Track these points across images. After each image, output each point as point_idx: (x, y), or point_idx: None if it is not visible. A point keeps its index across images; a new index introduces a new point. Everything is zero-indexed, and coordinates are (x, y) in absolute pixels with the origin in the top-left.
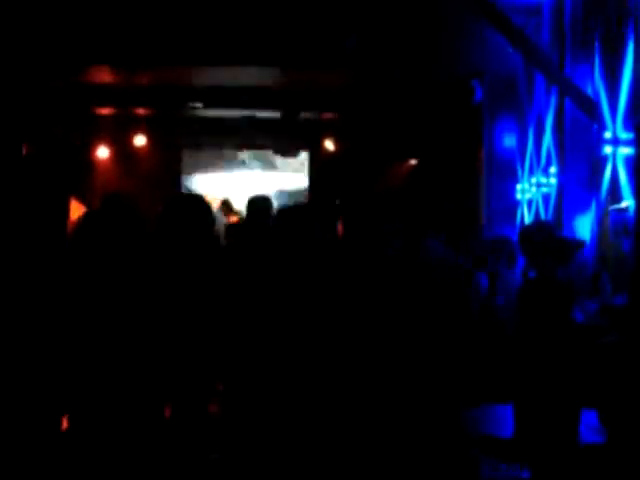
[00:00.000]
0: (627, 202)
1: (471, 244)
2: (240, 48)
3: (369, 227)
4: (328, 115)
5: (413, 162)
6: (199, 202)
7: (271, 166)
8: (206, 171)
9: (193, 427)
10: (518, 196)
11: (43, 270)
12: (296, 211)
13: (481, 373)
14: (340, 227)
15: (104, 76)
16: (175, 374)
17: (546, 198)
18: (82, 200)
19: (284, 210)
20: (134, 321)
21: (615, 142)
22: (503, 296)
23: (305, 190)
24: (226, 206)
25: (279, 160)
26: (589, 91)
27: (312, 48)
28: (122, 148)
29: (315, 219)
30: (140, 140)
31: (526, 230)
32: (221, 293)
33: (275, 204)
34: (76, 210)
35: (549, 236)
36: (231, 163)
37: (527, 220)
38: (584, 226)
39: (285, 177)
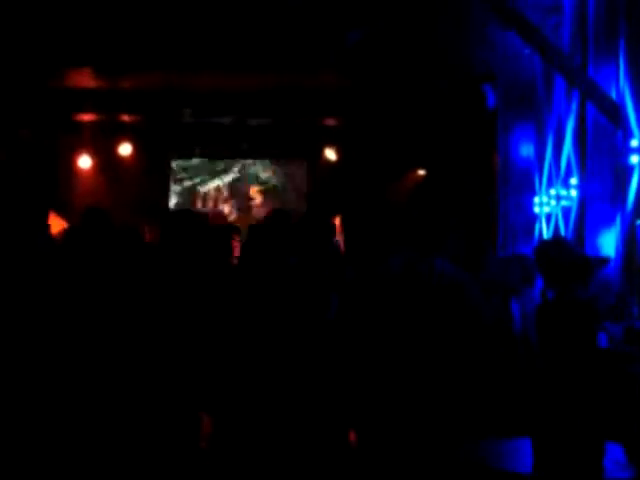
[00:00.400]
0: None
1: (486, 262)
2: (233, 50)
3: (373, 243)
4: (328, 121)
5: (421, 172)
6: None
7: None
8: (196, 182)
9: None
10: (536, 210)
11: (17, 285)
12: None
13: (497, 402)
14: (341, 243)
15: (87, 80)
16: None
17: (566, 212)
18: (62, 213)
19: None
20: (116, 338)
21: None
22: (520, 319)
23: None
24: (220, 220)
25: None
26: (614, 94)
27: (311, 48)
28: (106, 157)
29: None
30: (125, 149)
31: (542, 246)
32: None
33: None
34: (55, 224)
35: (568, 252)
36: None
37: (546, 236)
38: (608, 243)
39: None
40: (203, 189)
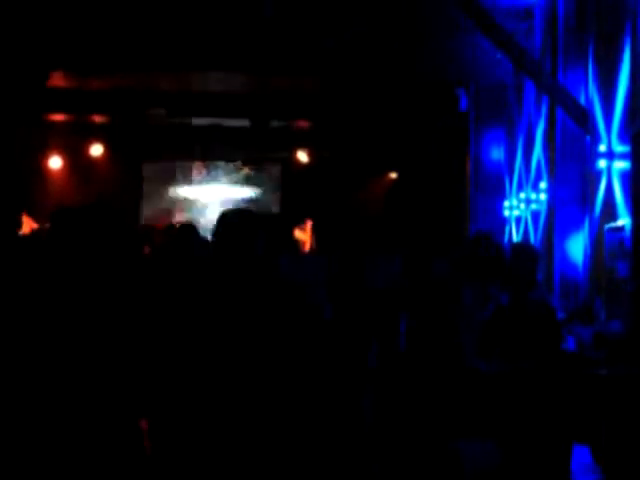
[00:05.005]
0: (623, 220)
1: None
2: (207, 51)
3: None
4: (302, 124)
5: (393, 175)
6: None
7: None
8: (169, 184)
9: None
10: (506, 213)
11: None
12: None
13: (463, 406)
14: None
15: (58, 80)
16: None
17: (535, 216)
18: (32, 214)
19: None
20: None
21: (610, 155)
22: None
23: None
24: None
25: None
26: (582, 100)
27: (285, 51)
28: (77, 158)
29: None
30: (97, 150)
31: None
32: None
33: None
34: (26, 225)
35: (533, 257)
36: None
37: (515, 239)
38: (576, 247)
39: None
40: None
